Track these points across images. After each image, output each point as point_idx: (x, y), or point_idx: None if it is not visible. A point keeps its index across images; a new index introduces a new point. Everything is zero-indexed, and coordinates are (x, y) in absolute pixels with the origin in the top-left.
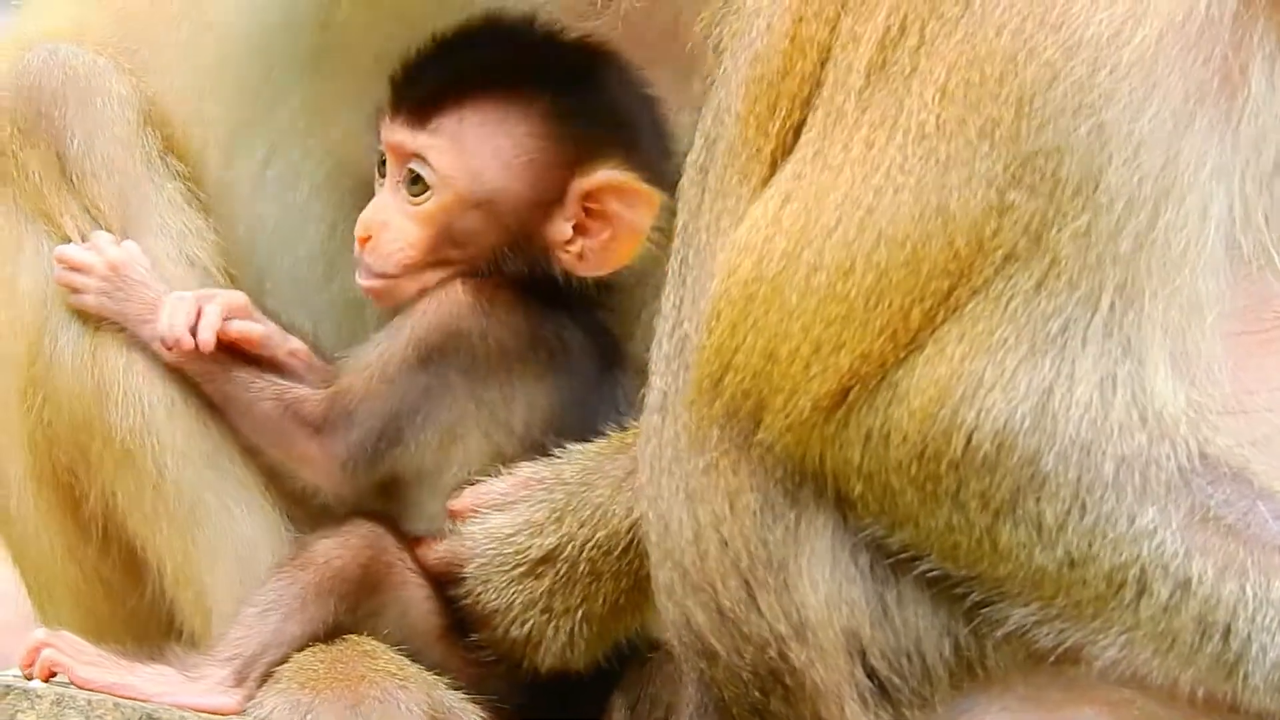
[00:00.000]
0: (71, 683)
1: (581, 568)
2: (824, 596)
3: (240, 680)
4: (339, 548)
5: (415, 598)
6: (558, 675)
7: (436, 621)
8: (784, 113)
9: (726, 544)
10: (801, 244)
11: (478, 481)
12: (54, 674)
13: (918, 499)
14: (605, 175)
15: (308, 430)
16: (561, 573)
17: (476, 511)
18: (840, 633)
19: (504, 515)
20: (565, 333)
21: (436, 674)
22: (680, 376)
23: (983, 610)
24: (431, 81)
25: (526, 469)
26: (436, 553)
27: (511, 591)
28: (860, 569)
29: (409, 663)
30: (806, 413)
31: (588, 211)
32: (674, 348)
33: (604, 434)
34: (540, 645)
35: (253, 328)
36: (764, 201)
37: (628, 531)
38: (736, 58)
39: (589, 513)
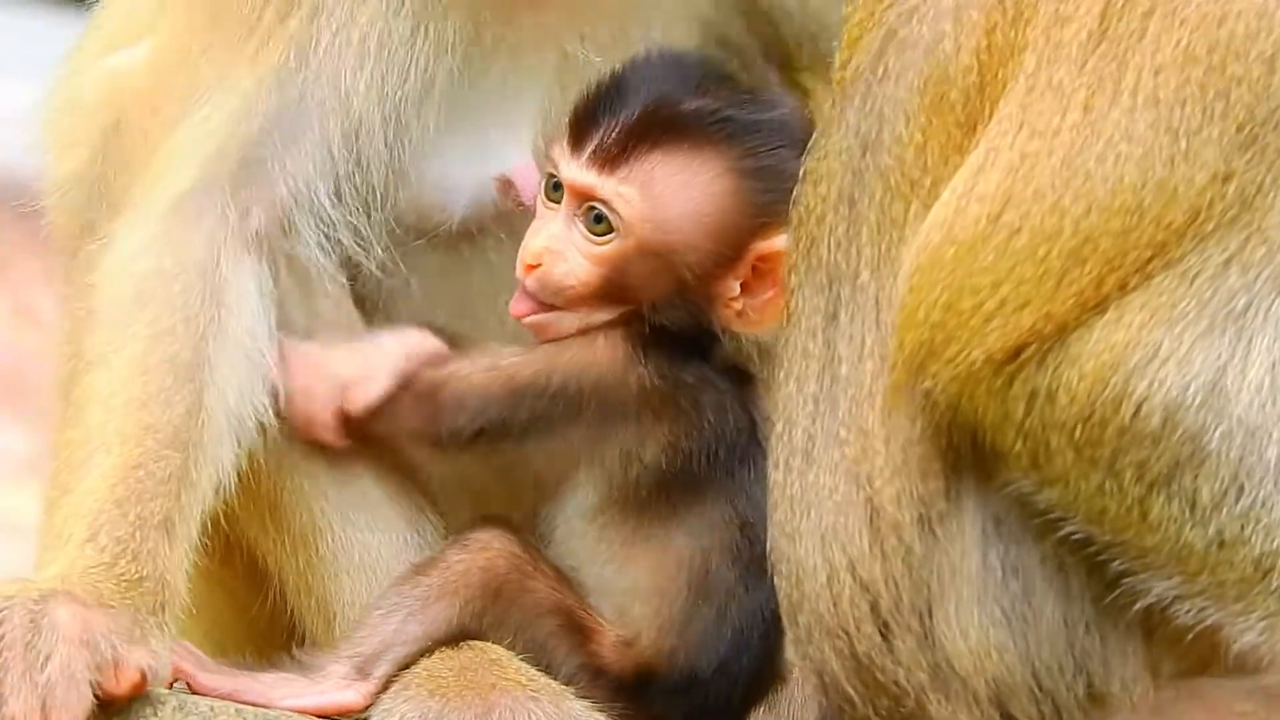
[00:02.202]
0: (192, 689)
1: None
2: (974, 643)
3: (362, 676)
4: (464, 552)
5: (540, 606)
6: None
7: (560, 631)
8: (982, 125)
9: (866, 587)
10: (1003, 207)
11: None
12: (176, 680)
13: (1074, 460)
14: (783, 240)
15: (414, 398)
16: None
17: None
18: (990, 681)
19: None
20: (704, 375)
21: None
22: (829, 416)
23: (1123, 582)
24: (622, 125)
25: None
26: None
27: None
28: (1004, 610)
29: (537, 673)
30: (978, 365)
31: (755, 270)
32: (822, 387)
33: (745, 461)
34: None
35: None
36: (954, 182)
37: None
38: (895, 90)
39: None
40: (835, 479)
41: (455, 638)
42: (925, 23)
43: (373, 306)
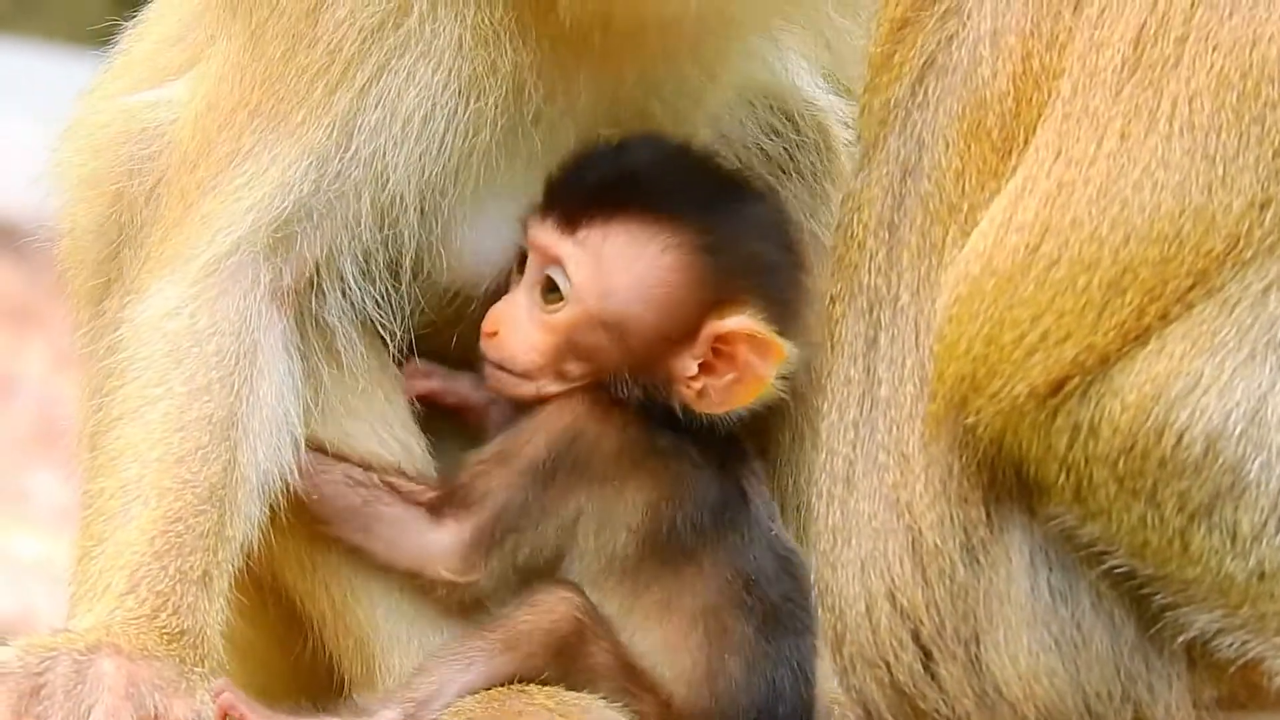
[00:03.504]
0: None
1: None
2: (1024, 668)
3: None
4: (531, 613)
5: (598, 669)
6: None
7: (616, 693)
8: (1018, 151)
9: (906, 614)
10: (1042, 238)
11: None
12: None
13: (1116, 492)
14: (739, 322)
15: (427, 519)
16: None
17: None
18: (1040, 707)
19: None
20: (680, 445)
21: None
22: (869, 440)
23: (1165, 615)
24: (586, 188)
25: None
26: None
27: None
28: (1054, 636)
29: (565, 693)
30: (1021, 399)
31: (716, 352)
32: (863, 412)
33: (736, 527)
34: None
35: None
36: (992, 212)
37: None
38: (935, 116)
39: None
40: (875, 505)
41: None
42: (964, 48)
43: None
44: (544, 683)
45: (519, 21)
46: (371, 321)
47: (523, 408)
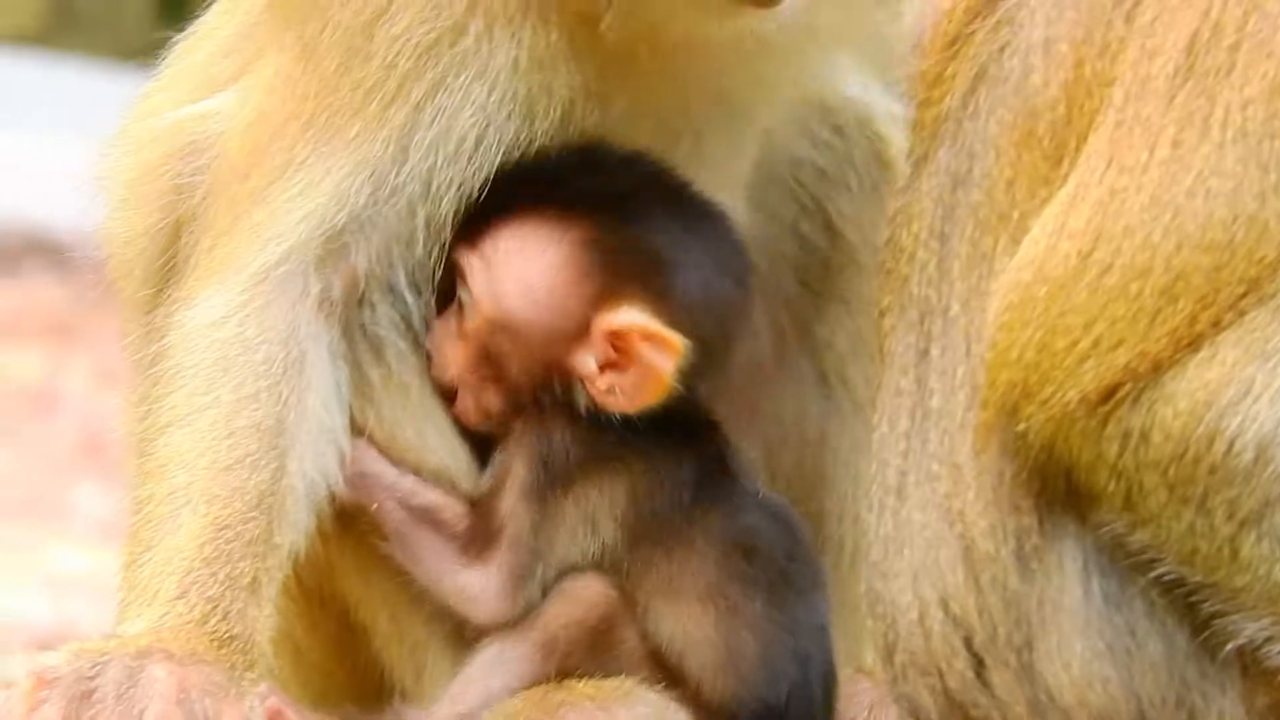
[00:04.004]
0: None
1: None
2: (1077, 675)
3: None
4: (563, 605)
5: (632, 657)
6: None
7: (652, 671)
8: (1069, 159)
9: (958, 622)
10: (1094, 245)
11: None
12: None
13: (1167, 500)
14: (629, 316)
15: (461, 558)
16: None
17: None
18: (1094, 714)
19: None
20: (642, 434)
21: None
22: (921, 451)
23: (1215, 623)
24: (489, 198)
25: None
26: None
27: None
28: (1108, 642)
29: (605, 682)
30: (1072, 406)
31: (615, 349)
32: (914, 423)
33: (721, 498)
34: None
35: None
36: (1044, 219)
37: None
38: (986, 126)
39: None
40: (927, 515)
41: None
42: (1016, 57)
43: None
44: (580, 675)
45: (572, 43)
46: (418, 330)
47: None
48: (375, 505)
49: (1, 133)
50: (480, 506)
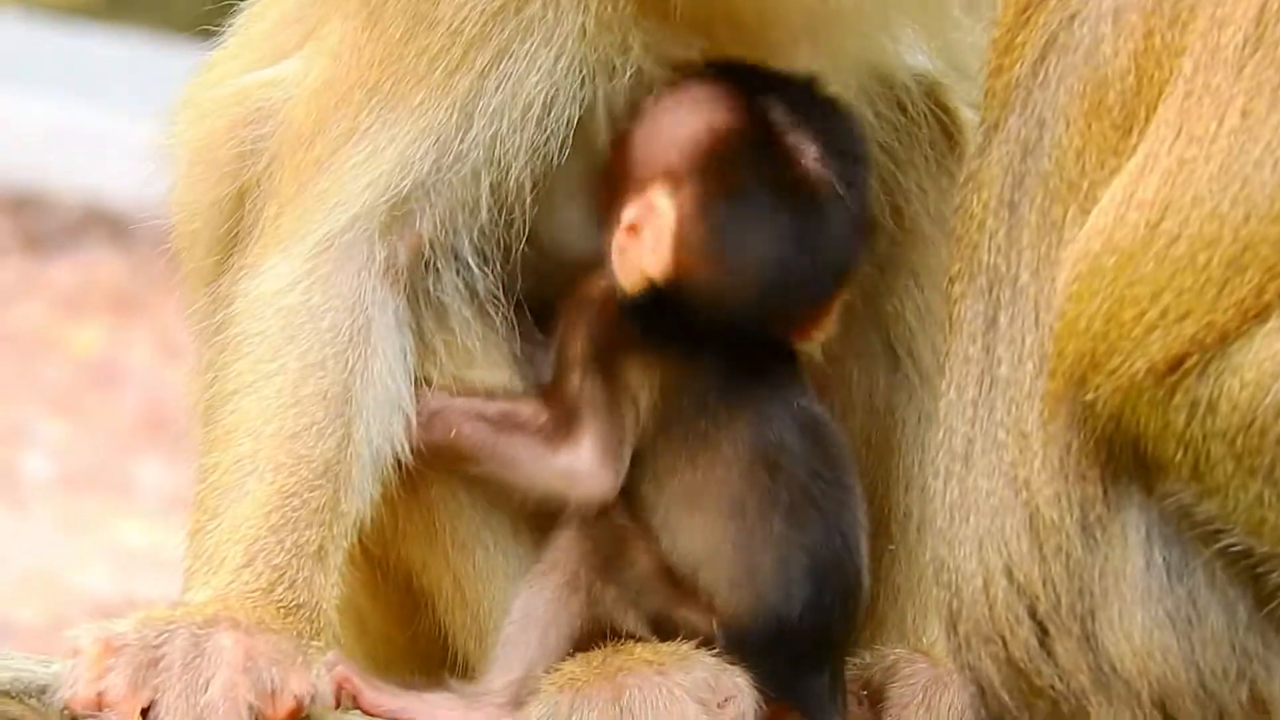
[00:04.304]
0: (358, 707)
1: None
2: (1138, 644)
3: (517, 703)
4: (578, 539)
5: (646, 572)
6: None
7: (670, 596)
8: (1138, 129)
9: (1023, 590)
10: (1162, 215)
11: None
12: (342, 696)
13: (1234, 470)
14: (665, 200)
15: (551, 446)
16: None
17: None
18: (1154, 683)
19: None
20: (663, 333)
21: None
22: (988, 419)
23: None
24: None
25: None
26: None
27: None
28: (1169, 612)
29: (663, 645)
30: (1140, 375)
31: (642, 222)
32: (981, 391)
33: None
34: None
35: None
36: (1112, 190)
37: None
38: (1056, 94)
39: None
40: (993, 482)
41: (591, 625)
42: (1086, 26)
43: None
44: (611, 601)
45: (640, 9)
46: (482, 297)
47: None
48: (453, 432)
49: (62, 106)
50: (551, 395)
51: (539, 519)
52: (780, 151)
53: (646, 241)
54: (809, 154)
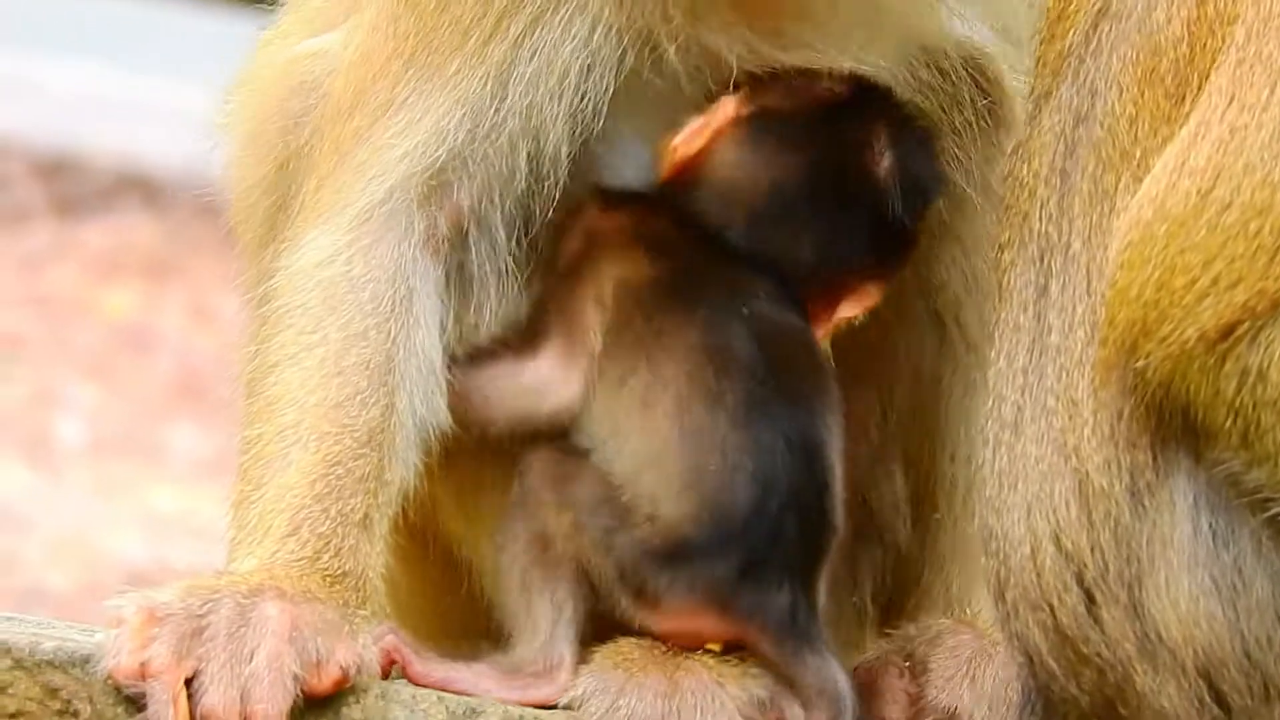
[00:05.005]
0: (406, 676)
1: None
2: (1184, 612)
3: (550, 668)
4: (534, 486)
5: (588, 497)
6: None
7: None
8: (1191, 97)
9: (1070, 556)
10: (1214, 182)
11: None
12: (390, 666)
13: None
14: (731, 101)
15: (519, 360)
16: None
17: None
18: (1199, 652)
19: None
20: (641, 224)
21: None
22: (1038, 386)
23: None
24: None
25: None
26: None
27: None
28: (1215, 580)
29: (726, 657)
30: (1191, 343)
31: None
32: (1032, 359)
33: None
34: None
35: None
36: (1165, 157)
37: None
38: (1109, 62)
39: None
40: (1043, 449)
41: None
42: None
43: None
44: (579, 540)
45: None
46: (506, 266)
47: None
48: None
49: (95, 70)
50: (524, 319)
51: None
52: (859, 142)
53: (694, 125)
54: (883, 162)
